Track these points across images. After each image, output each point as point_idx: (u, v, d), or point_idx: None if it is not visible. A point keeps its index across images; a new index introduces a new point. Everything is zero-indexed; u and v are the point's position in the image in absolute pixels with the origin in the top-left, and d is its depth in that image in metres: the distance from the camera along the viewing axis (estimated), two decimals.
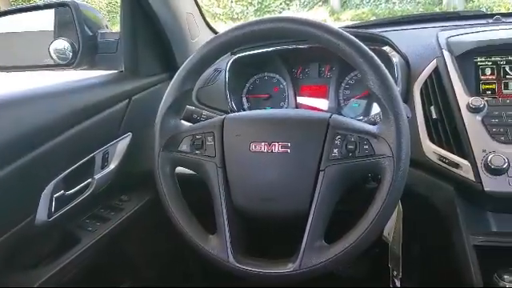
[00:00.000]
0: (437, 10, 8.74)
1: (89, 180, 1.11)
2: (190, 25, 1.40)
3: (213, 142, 0.88)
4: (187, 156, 0.90)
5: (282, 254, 0.83)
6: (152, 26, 1.27)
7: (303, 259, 0.78)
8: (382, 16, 8.45)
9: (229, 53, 1.30)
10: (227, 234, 0.84)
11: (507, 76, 1.05)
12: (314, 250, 0.78)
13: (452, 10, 6.75)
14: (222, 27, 1.29)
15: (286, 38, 1.11)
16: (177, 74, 0.90)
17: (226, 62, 1.27)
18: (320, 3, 9.69)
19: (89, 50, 1.23)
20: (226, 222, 0.84)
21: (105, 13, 8.51)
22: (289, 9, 9.61)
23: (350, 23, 2.39)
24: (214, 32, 1.55)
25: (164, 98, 0.90)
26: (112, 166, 1.17)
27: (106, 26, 1.32)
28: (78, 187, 1.08)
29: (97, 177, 1.13)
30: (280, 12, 9.53)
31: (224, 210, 0.85)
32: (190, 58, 0.89)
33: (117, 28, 1.29)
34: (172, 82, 0.90)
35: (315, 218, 0.79)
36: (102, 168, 1.15)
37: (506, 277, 0.91)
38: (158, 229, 1.20)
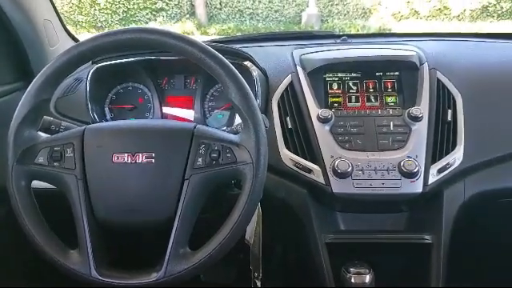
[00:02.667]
0: (296, 28, 9.34)
1: None
2: (47, 32, 1.33)
3: (72, 154, 0.85)
4: (44, 169, 0.86)
5: (148, 263, 0.83)
6: (5, 32, 1.18)
7: (168, 267, 0.79)
8: (246, 32, 8.78)
9: (90, 62, 1.26)
10: (89, 248, 0.81)
11: (351, 90, 1.19)
12: (179, 257, 0.80)
13: (309, 30, 7.28)
14: (86, 36, 1.25)
15: (149, 48, 1.12)
16: (32, 82, 0.85)
17: (87, 72, 1.23)
18: (187, 16, 9.76)
19: None
20: (87, 236, 0.82)
21: None
22: (155, 20, 9.50)
23: (216, 37, 2.46)
24: (75, 40, 1.50)
25: (18, 107, 0.85)
26: None
27: None
28: None
29: None
30: (146, 23, 9.38)
31: (85, 224, 0.82)
32: (47, 66, 0.85)
33: None
34: (27, 91, 0.85)
35: (180, 226, 0.81)
36: None
37: (351, 269, 1.03)
38: (16, 245, 1.11)
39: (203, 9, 9.62)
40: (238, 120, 1.19)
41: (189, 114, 1.28)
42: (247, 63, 1.19)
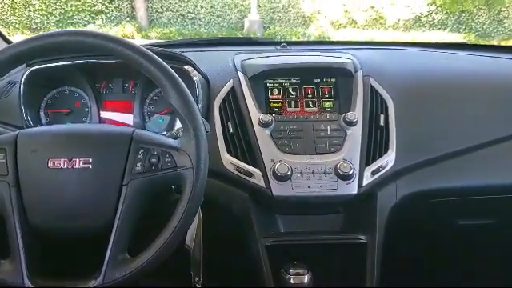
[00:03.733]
0: (239, 34, 9.41)
1: None
2: None
3: (4, 160, 0.82)
4: None
5: (87, 270, 0.81)
6: None
7: (106, 274, 0.78)
8: (188, 36, 8.74)
9: (24, 64, 1.22)
10: (22, 257, 0.78)
11: (290, 96, 1.22)
12: (118, 263, 0.79)
13: (250, 36, 7.36)
14: (19, 38, 1.20)
15: (87, 52, 1.09)
16: None
17: (21, 74, 1.18)
18: (128, 19, 9.57)
19: None
20: (20, 244, 0.79)
21: None
22: (94, 23, 9.25)
23: (157, 41, 2.43)
24: (7, 42, 1.43)
25: None
26: None
27: None
28: None
29: None
30: (85, 25, 9.10)
31: (18, 232, 0.79)
32: None
33: None
34: None
35: (118, 232, 0.80)
36: None
37: (290, 270, 1.05)
38: None
39: (144, 12, 9.47)
40: (178, 125, 1.19)
41: (128, 118, 1.26)
42: (188, 67, 1.19)
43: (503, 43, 8.78)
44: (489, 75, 1.37)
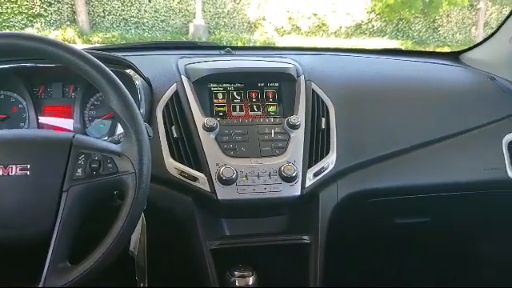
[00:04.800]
0: (183, 39, 9.36)
1: None
2: None
3: None
4: None
5: (26, 279, 0.78)
6: None
7: (46, 282, 0.75)
8: (132, 41, 8.59)
9: None
10: None
11: (235, 100, 1.22)
12: (58, 272, 0.76)
13: (194, 40, 7.34)
14: None
15: (24, 55, 1.05)
16: None
17: None
18: (68, 23, 9.27)
19: None
20: None
21: None
22: (33, 26, 8.89)
23: (98, 45, 2.38)
24: None
25: None
26: None
27: None
28: None
29: None
30: (22, 29, 8.73)
31: None
32: None
33: None
34: None
35: (58, 239, 0.77)
36: None
37: (235, 273, 1.06)
38: None
39: (85, 16, 9.21)
40: (120, 130, 1.16)
41: (68, 123, 1.22)
42: (129, 71, 1.17)
43: (438, 50, 9.23)
44: (422, 80, 1.45)
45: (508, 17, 1.48)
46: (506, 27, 1.48)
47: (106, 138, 1.16)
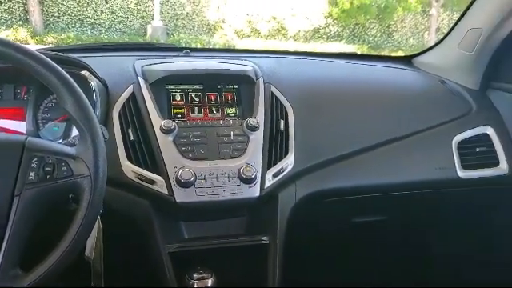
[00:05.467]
0: (141, 40, 9.23)
1: None
2: None
3: None
4: None
5: None
6: None
7: None
8: (88, 42, 8.40)
9: None
10: None
11: (193, 102, 1.22)
12: (9, 279, 0.74)
13: (151, 42, 7.26)
14: None
15: None
16: None
17: None
18: (20, 22, 8.96)
19: None
20: None
21: None
22: None
23: (52, 46, 2.31)
24: None
25: None
26: None
27: None
28: None
29: None
30: None
31: None
32: None
33: None
34: None
35: (9, 246, 0.75)
36: None
37: (194, 275, 1.06)
38: None
39: (38, 16, 8.93)
40: (75, 132, 1.14)
41: (20, 126, 1.18)
42: (85, 73, 1.14)
43: (393, 54, 9.50)
44: (377, 83, 1.49)
45: (457, 23, 1.54)
46: (455, 33, 1.54)
47: (60, 140, 1.13)
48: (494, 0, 1.37)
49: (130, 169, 1.08)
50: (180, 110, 1.20)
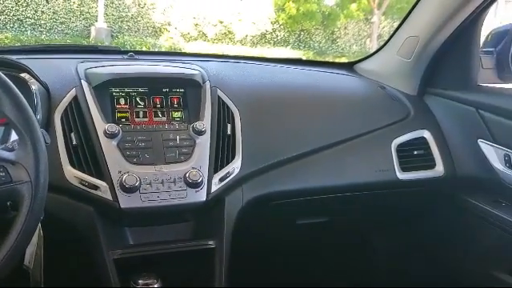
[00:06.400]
0: (85, 42, 8.98)
1: None
2: None
3: None
4: None
5: None
6: None
7: None
8: (27, 43, 8.08)
9: None
10: None
11: (138, 106, 1.20)
12: None
13: (95, 44, 7.08)
14: None
15: None
16: None
17: None
18: None
19: None
20: None
21: None
22: None
23: None
24: None
25: None
26: None
27: None
28: None
29: None
30: None
31: None
32: None
33: None
34: None
35: None
36: None
37: (139, 281, 1.05)
38: None
39: None
40: (14, 136, 1.09)
41: None
42: (24, 75, 1.11)
43: (337, 60, 9.75)
44: (321, 88, 1.53)
45: (396, 31, 1.60)
46: (395, 40, 1.61)
47: None
48: (431, 9, 1.43)
49: (72, 174, 1.06)
50: (124, 114, 1.18)
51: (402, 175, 1.39)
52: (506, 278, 1.36)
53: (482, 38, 1.49)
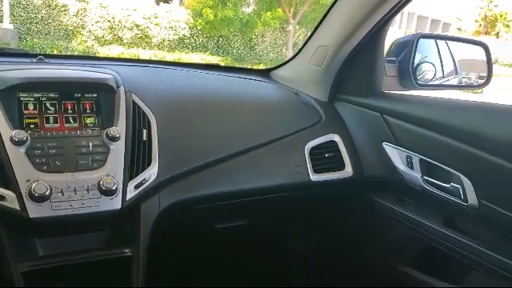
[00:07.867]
0: None
1: None
2: None
3: None
4: None
5: None
6: None
7: None
8: None
9: None
10: None
11: (48, 111, 1.14)
12: None
13: (4, 47, 6.65)
14: None
15: None
16: None
17: None
18: None
19: None
20: None
21: None
22: None
23: None
24: None
25: None
26: None
27: None
28: None
29: None
30: None
31: None
32: None
33: None
34: None
35: None
36: None
37: None
38: None
39: None
40: None
41: None
42: None
43: (255, 67, 9.94)
44: (238, 94, 1.56)
45: (308, 40, 1.68)
46: (307, 49, 1.68)
47: None
48: (339, 20, 1.51)
49: None
50: (33, 120, 1.12)
51: (314, 177, 1.45)
52: (409, 271, 1.46)
53: (386, 48, 1.60)
